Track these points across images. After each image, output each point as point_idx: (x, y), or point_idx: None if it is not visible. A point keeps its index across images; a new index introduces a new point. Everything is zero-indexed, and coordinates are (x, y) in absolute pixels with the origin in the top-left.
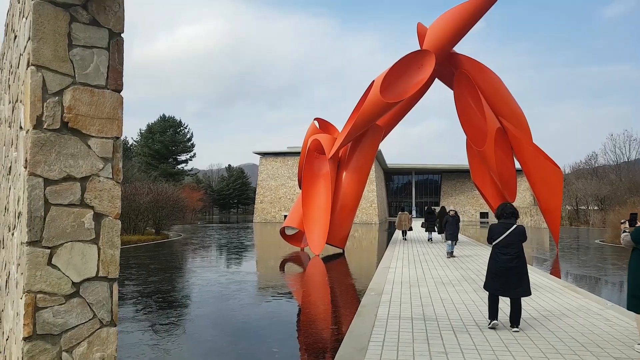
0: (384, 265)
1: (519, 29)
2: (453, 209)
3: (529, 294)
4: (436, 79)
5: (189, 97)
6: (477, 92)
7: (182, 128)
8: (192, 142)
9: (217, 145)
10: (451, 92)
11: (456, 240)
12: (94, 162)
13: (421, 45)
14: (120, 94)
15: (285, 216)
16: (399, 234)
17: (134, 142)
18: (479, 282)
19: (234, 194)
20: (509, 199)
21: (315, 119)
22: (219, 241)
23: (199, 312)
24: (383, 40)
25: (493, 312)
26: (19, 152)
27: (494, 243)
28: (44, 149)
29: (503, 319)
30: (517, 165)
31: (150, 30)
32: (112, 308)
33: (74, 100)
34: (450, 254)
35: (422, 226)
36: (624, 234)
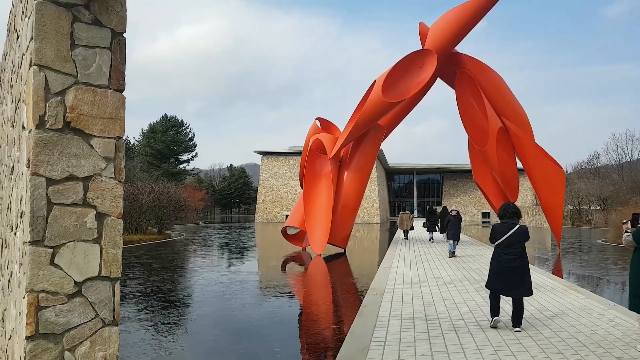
0: (385, 265)
1: (521, 29)
2: (455, 209)
3: (531, 294)
4: (438, 79)
5: (189, 97)
6: (479, 91)
7: (183, 128)
8: (193, 141)
9: (218, 145)
10: (453, 91)
11: (458, 240)
12: (97, 161)
13: (423, 44)
14: (123, 93)
15: (287, 216)
16: (400, 234)
17: (136, 142)
18: (480, 281)
19: (235, 193)
20: (511, 198)
21: (317, 119)
22: (221, 241)
23: (201, 311)
24: (383, 40)
25: (495, 309)
26: (21, 151)
27: (496, 243)
28: (47, 148)
29: (505, 318)
30: (519, 164)
31: (151, 30)
32: (115, 307)
33: (76, 100)
34: (452, 254)
35: (423, 226)
36: (626, 234)
